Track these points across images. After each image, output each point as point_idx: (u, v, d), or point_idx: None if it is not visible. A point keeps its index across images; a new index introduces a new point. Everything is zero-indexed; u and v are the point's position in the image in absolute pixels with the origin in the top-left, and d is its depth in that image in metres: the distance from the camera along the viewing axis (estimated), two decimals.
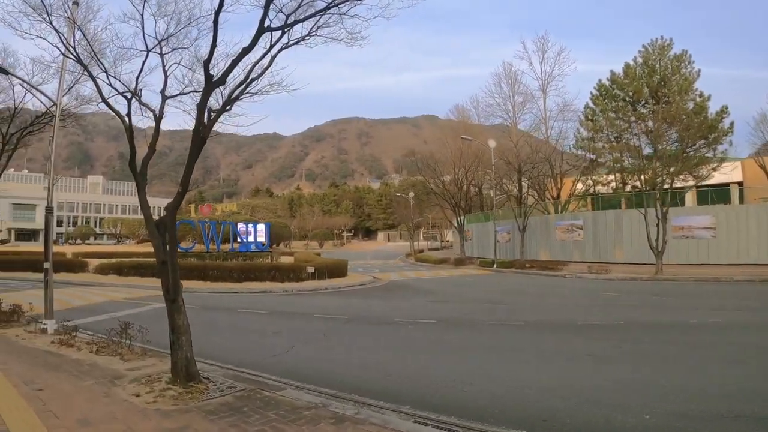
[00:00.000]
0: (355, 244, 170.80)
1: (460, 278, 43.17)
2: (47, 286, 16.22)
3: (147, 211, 10.60)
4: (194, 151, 9.78)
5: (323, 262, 38.73)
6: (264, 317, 20.79)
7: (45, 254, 16.43)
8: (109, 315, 20.26)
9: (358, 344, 15.01)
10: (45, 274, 16.31)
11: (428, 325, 18.26)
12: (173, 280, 9.97)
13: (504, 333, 16.81)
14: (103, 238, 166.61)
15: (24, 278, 39.13)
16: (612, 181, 63.16)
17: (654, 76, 64.94)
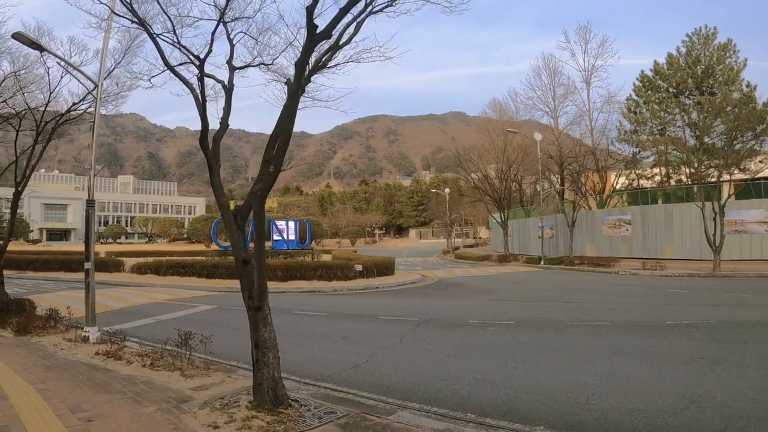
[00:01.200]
0: (387, 242, 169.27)
1: (511, 276, 41.46)
2: (89, 289, 14.24)
3: (222, 199, 8.60)
4: (288, 118, 7.68)
5: (370, 260, 36.91)
6: (325, 320, 18.91)
7: (86, 253, 14.44)
8: (154, 318, 18.70)
9: (443, 350, 13.16)
10: (86, 276, 14.30)
11: (508, 327, 16.46)
12: (259, 283, 7.99)
13: (596, 334, 15.11)
14: (134, 237, 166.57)
15: (57, 278, 37.76)
16: (656, 174, 61.87)
17: (698, 66, 63.13)
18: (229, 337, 15.28)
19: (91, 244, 14.30)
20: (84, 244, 14.83)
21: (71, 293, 26.59)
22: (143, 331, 15.91)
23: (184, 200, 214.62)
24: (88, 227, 14.35)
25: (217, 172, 8.70)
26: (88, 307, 14.08)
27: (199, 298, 24.99)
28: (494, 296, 26.62)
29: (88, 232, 14.32)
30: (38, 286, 32.01)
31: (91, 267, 14.20)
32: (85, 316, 14.22)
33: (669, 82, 65.82)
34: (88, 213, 14.30)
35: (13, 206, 18.16)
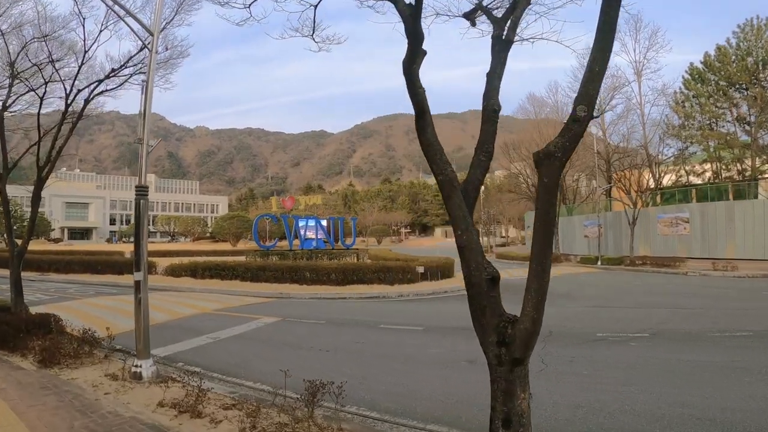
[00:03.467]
0: (413, 241, 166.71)
1: (574, 277, 38.96)
2: (140, 308, 10.44)
3: (444, 168, 5.20)
4: None
5: (431, 262, 33.53)
6: (426, 337, 15.54)
7: (136, 259, 10.60)
8: (212, 337, 15.10)
9: (610, 376, 10.74)
10: (136, 290, 10.48)
11: (648, 341, 14.30)
12: (531, 324, 5.08)
13: (757, 347, 13.30)
14: (156, 236, 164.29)
15: (83, 281, 34.12)
16: (706, 170, 60.36)
17: (749, 58, 59.95)
18: (330, 364, 11.79)
19: (142, 245, 10.48)
20: (134, 244, 10.91)
21: (101, 301, 23.09)
22: (205, 356, 12.61)
23: (207, 199, 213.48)
24: (139, 223, 10.53)
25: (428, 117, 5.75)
26: (140, 332, 10.28)
27: (252, 307, 21.66)
28: (584, 302, 24.37)
29: (139, 231, 10.51)
30: (62, 290, 28.52)
31: (143, 278, 10.35)
32: (136, 345, 10.44)
33: (719, 75, 62.87)
34: (139, 204, 10.44)
35: (34, 197, 14.45)
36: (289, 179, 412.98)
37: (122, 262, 38.94)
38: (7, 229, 14.92)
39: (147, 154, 10.69)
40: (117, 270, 36.53)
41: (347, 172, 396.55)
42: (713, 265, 39.64)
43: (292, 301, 24.30)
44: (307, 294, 26.03)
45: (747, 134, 61.05)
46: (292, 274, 29.19)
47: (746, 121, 61.48)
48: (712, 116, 63.43)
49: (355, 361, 12.17)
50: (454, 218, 5.25)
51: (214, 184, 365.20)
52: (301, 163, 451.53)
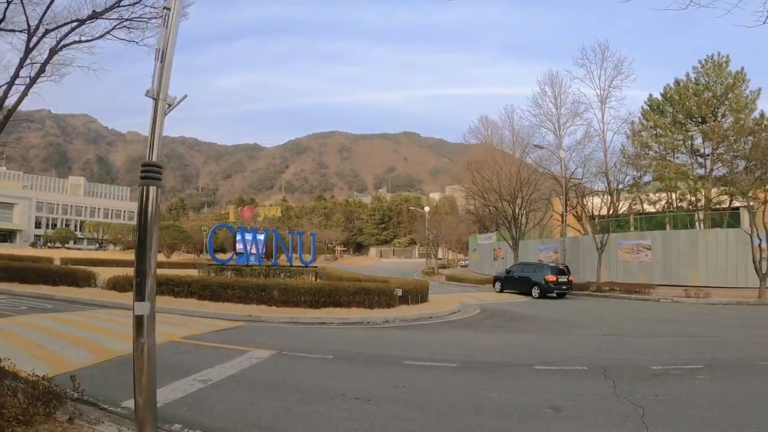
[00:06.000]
0: (349, 259, 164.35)
1: (550, 303, 37.89)
2: (145, 358, 6.84)
3: None
4: None
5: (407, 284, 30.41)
6: (471, 377, 12.99)
7: (138, 282, 6.85)
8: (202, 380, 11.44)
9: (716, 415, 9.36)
10: (137, 330, 6.89)
11: (713, 373, 13.02)
12: None
13: None
14: (83, 243, 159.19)
15: (10, 291, 29.63)
16: (661, 199, 61.05)
17: (706, 92, 61.55)
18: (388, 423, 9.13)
19: (149, 260, 6.69)
20: (136, 258, 6.98)
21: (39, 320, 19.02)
22: (207, 411, 9.35)
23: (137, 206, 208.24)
24: (147, 223, 6.81)
25: None
26: (145, 394, 6.82)
27: (226, 334, 18.19)
28: (592, 330, 23.06)
29: (146, 237, 6.73)
30: (15, 305, 24.32)
31: (150, 311, 6.83)
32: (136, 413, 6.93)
33: (677, 107, 63.81)
34: (147, 193, 6.84)
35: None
36: (220, 191, 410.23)
37: (56, 272, 34.40)
38: None
39: (164, 114, 7.12)
40: (50, 280, 32.07)
41: (279, 187, 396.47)
42: (685, 292, 39.55)
43: (267, 326, 21.12)
44: (280, 317, 22.83)
45: (700, 166, 62.24)
46: (260, 293, 25.63)
47: (700, 153, 62.70)
48: (668, 147, 64.11)
49: (419, 418, 9.34)
50: None
51: None
52: (232, 175, 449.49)
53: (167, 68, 7.22)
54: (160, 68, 7.12)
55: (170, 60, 7.20)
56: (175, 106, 7.25)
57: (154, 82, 7.11)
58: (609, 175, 59.56)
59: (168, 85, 7.24)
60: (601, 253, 49.41)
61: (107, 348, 14.21)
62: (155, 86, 7.06)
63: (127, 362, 12.49)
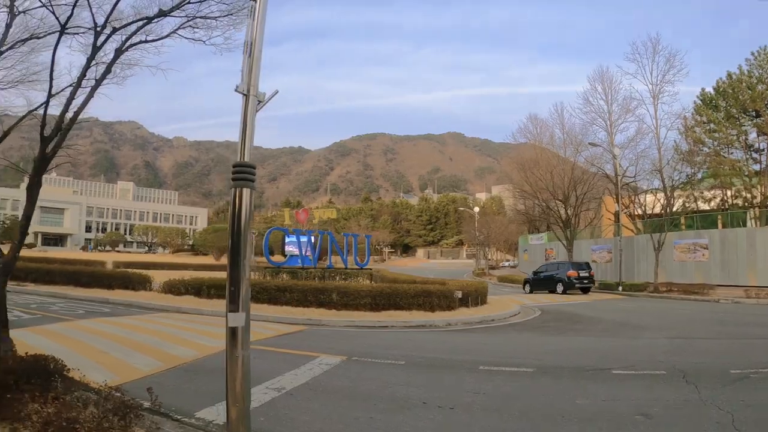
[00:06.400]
0: (397, 261, 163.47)
1: (610, 304, 37.13)
2: (240, 373, 6.19)
3: None
4: None
5: (467, 286, 29.64)
6: (551, 382, 12.36)
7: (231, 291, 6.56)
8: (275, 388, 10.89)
9: None
10: (231, 341, 6.40)
11: None
12: None
13: None
14: (132, 246, 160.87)
15: (65, 295, 29.67)
16: (715, 197, 58.86)
17: (759, 86, 58.74)
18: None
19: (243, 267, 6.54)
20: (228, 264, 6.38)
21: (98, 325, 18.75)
22: (285, 423, 8.69)
23: (186, 210, 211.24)
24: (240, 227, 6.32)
25: None
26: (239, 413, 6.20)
27: (289, 338, 17.66)
28: (659, 332, 21.57)
29: (240, 242, 6.27)
30: (44, 307, 24.13)
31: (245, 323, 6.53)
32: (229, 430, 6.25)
33: (730, 101, 61.45)
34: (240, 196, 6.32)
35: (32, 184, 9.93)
36: (266, 194, 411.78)
37: (111, 275, 34.41)
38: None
39: (255, 111, 6.57)
40: (105, 284, 31.92)
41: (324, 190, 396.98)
42: (745, 292, 38.35)
43: (329, 330, 20.54)
44: (341, 321, 22.27)
45: (755, 162, 60.09)
46: (318, 296, 25.03)
47: (755, 149, 60.75)
48: (722, 142, 62.17)
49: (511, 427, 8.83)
50: None
51: (190, 196, 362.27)
52: (278, 178, 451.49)
53: (256, 62, 6.77)
54: (249, 62, 6.69)
55: (259, 54, 6.67)
56: (266, 103, 6.71)
57: (243, 77, 6.68)
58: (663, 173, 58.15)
59: (258, 79, 6.80)
60: (658, 252, 48.40)
61: (172, 354, 13.71)
62: (245, 81, 6.64)
63: (194, 370, 12.13)
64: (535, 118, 77.33)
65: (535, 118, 76.96)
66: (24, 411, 7.13)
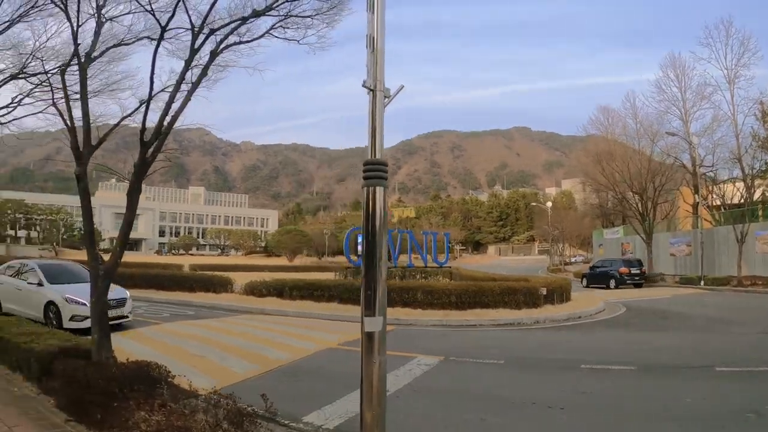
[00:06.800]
0: (467, 258, 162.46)
1: (695, 298, 36.09)
2: (376, 379, 6.24)
3: None
4: None
5: (551, 283, 28.78)
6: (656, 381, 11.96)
7: (367, 294, 6.59)
8: (412, 386, 10.97)
9: None
10: (367, 346, 6.52)
11: None
12: None
13: None
14: (205, 249, 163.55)
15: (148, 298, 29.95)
16: None
17: None
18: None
19: (379, 270, 6.49)
20: (363, 265, 6.19)
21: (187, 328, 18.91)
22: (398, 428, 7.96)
23: (257, 212, 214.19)
24: (375, 227, 6.12)
25: None
26: (372, 415, 6.23)
27: None
28: (752, 328, 20.99)
29: (375, 242, 6.28)
30: (157, 312, 24.50)
31: (382, 328, 6.54)
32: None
33: None
34: (374, 195, 6.13)
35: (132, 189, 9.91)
36: (334, 195, 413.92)
37: (192, 278, 34.86)
38: (87, 238, 10.39)
39: (383, 106, 6.34)
40: (186, 286, 32.22)
41: (393, 189, 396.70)
42: None
43: (418, 329, 20.27)
44: (427, 320, 21.94)
45: None
46: (403, 295, 24.62)
47: None
48: None
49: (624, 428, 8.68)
50: None
51: (259, 199, 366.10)
52: (346, 179, 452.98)
53: (379, 56, 6.48)
54: (372, 57, 6.42)
55: (381, 48, 6.37)
56: (393, 98, 6.42)
57: (369, 72, 6.44)
58: (742, 161, 56.32)
59: (383, 75, 6.51)
60: (741, 245, 46.73)
61: (267, 357, 13.60)
62: (370, 76, 6.39)
63: (291, 373, 12.04)
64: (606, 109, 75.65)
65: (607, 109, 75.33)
66: (131, 419, 7.00)
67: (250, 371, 12.02)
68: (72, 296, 17.29)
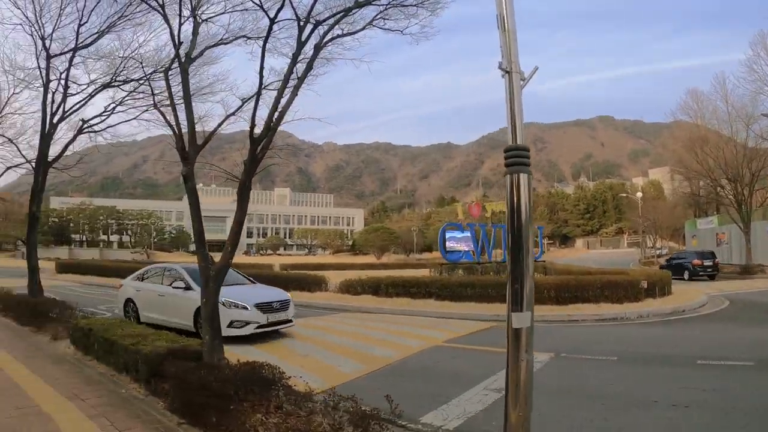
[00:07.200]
0: (555, 252, 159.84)
1: None
2: (524, 373, 5.88)
3: None
4: None
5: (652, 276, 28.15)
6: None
7: (514, 289, 5.76)
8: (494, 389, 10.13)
9: None
10: (515, 344, 5.76)
11: None
12: None
13: None
14: (292, 249, 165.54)
15: None
16: None
17: None
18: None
19: (526, 265, 5.76)
20: (510, 259, 5.79)
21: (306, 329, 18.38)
22: None
23: (342, 211, 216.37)
24: (521, 219, 5.75)
25: None
26: (516, 416, 5.97)
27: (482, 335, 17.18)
28: None
29: (521, 234, 5.68)
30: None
31: (529, 323, 5.93)
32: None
33: None
34: (518, 182, 5.84)
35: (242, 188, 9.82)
36: (418, 192, 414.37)
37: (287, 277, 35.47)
38: (196, 238, 10.32)
39: (520, 89, 6.05)
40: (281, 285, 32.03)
41: (476, 184, 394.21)
42: None
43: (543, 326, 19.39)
44: None
45: None
46: (501, 291, 23.85)
47: None
48: None
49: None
50: None
51: (343, 198, 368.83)
52: (429, 175, 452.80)
53: (511, 36, 6.12)
54: (504, 37, 6.09)
55: (513, 27, 6.03)
56: (529, 80, 6.06)
57: (503, 54, 6.09)
58: None
59: (517, 55, 6.17)
60: None
61: (373, 356, 13.38)
62: (505, 57, 6.05)
63: (399, 372, 11.84)
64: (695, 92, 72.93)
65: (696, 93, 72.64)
66: (248, 422, 6.84)
67: (358, 371, 11.82)
68: (231, 299, 15.52)
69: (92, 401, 8.77)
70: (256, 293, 17.21)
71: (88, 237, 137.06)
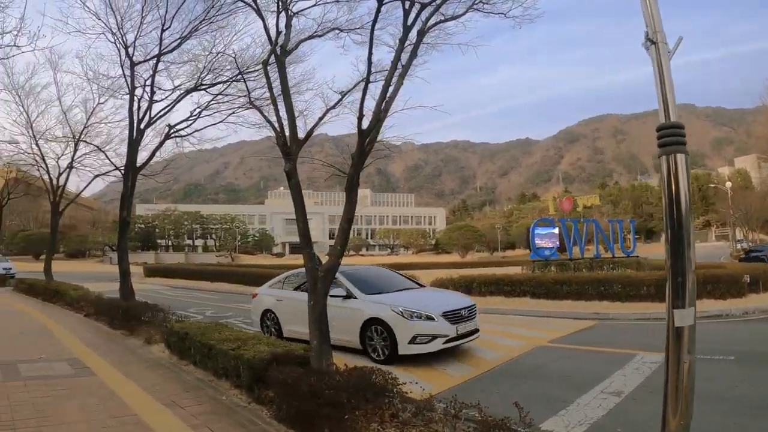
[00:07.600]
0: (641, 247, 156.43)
1: None
2: (686, 375, 5.35)
3: None
4: None
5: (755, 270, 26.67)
6: None
7: (675, 282, 5.58)
8: (612, 392, 9.77)
9: None
10: (677, 343, 5.54)
11: None
12: None
13: None
14: (374, 249, 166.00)
15: None
16: None
17: None
18: None
19: (687, 257, 5.51)
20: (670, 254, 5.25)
21: None
22: None
23: (424, 211, 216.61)
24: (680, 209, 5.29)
25: None
26: (677, 421, 5.37)
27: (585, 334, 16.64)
28: None
29: (679, 222, 5.30)
30: None
31: (692, 321, 5.57)
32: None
33: None
34: (671, 165, 5.20)
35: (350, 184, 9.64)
36: (498, 189, 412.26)
37: None
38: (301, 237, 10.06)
39: (668, 60, 5.53)
40: None
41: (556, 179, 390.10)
42: None
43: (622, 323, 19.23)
44: (629, 314, 20.61)
45: None
46: (599, 288, 23.57)
47: None
48: None
49: None
50: None
51: (423, 198, 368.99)
52: (508, 172, 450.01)
53: (653, 4, 5.57)
54: (646, 4, 5.57)
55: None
56: (674, 51, 5.54)
57: (647, 23, 5.59)
58: None
59: (660, 24, 5.58)
60: None
61: (479, 357, 13.02)
62: (649, 27, 5.56)
63: (508, 374, 11.45)
64: None
65: None
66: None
67: (465, 374, 11.47)
68: (410, 308, 12.79)
69: (192, 409, 8.57)
70: (436, 299, 14.52)
71: (173, 242, 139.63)
